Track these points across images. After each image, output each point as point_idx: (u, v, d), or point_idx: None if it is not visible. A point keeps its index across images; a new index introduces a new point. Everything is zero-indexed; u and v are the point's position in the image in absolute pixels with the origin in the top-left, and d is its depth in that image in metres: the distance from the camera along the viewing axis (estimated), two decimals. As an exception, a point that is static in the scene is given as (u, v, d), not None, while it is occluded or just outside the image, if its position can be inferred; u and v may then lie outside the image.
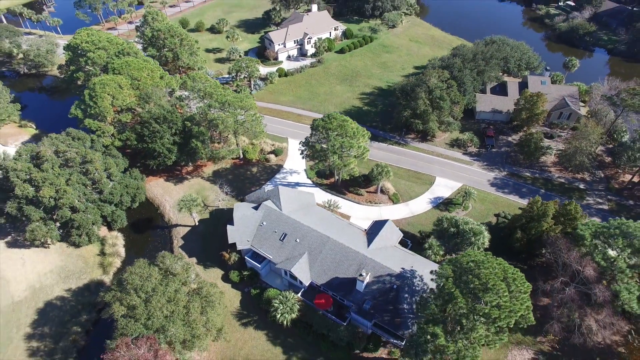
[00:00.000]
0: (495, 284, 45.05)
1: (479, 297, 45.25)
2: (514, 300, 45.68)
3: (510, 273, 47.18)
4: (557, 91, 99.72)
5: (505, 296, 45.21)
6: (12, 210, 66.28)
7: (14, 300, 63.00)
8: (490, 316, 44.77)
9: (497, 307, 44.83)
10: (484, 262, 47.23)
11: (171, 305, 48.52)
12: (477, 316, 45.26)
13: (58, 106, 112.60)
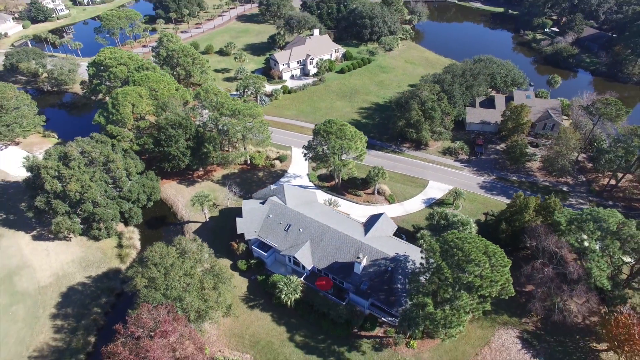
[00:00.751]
0: (477, 256, 50.77)
1: (463, 267, 50.85)
2: (495, 271, 51.22)
3: (490, 248, 52.96)
4: (540, 104, 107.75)
5: (486, 268, 50.84)
6: (41, 204, 72.65)
7: (40, 285, 68.37)
8: (473, 285, 50.25)
9: (480, 277, 50.39)
10: (467, 238, 53.16)
11: (187, 278, 54.15)
12: (461, 285, 50.72)
13: (76, 120, 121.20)
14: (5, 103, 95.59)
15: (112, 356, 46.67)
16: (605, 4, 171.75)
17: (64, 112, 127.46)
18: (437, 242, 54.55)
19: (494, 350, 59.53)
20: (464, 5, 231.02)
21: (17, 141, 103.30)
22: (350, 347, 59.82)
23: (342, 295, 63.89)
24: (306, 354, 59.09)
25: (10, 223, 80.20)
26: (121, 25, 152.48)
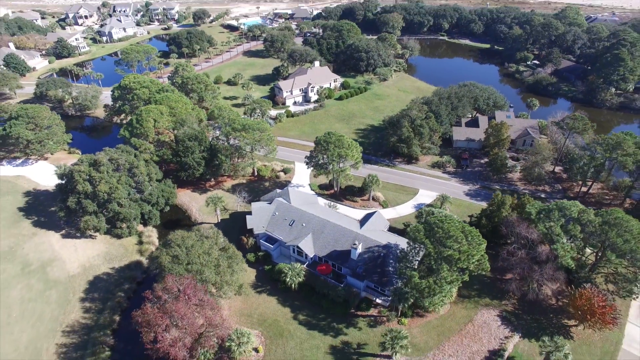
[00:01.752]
0: (455, 233, 59.62)
1: (444, 243, 59.43)
2: (471, 247, 59.80)
3: (467, 228, 61.87)
4: (520, 124, 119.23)
5: (464, 243, 59.52)
6: (72, 204, 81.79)
7: (70, 275, 76.17)
8: (452, 258, 58.71)
9: (458, 252, 58.91)
10: (447, 219, 62.14)
11: (205, 256, 62.43)
12: (442, 258, 59.09)
13: (96, 141, 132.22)
14: (40, 122, 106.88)
15: (142, 316, 54.35)
16: (580, 40, 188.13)
17: (85, 134, 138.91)
18: (421, 224, 63.42)
19: (476, 326, 66.62)
20: (454, 42, 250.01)
21: (45, 156, 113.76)
22: (348, 324, 66.95)
23: (341, 279, 71.69)
24: (309, 330, 66.14)
25: (42, 224, 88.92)
26: (139, 58, 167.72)
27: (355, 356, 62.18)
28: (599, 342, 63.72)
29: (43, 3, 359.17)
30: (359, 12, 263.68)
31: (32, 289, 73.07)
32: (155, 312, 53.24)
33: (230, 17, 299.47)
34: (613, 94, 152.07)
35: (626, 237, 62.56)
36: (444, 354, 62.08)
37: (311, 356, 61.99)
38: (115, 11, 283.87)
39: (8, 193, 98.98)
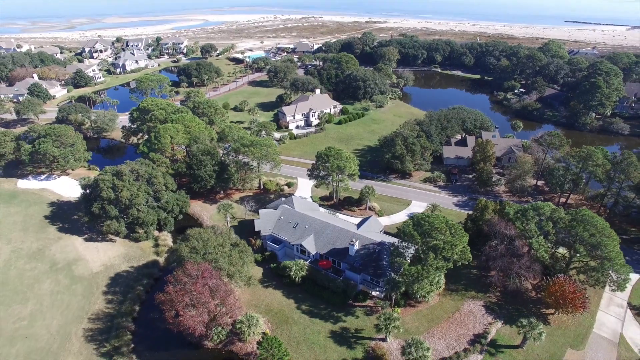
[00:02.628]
0: (440, 226, 68.07)
1: (430, 234, 67.72)
2: (454, 239, 68.05)
3: (451, 223, 70.30)
4: (505, 142, 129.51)
5: (448, 235, 67.85)
6: (96, 209, 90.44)
7: (93, 272, 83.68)
8: (437, 247, 66.87)
9: (442, 242, 67.13)
10: (432, 215, 70.67)
11: (220, 248, 70.48)
12: (429, 247, 67.20)
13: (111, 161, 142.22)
14: (65, 140, 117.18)
15: (165, 296, 61.91)
16: (562, 71, 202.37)
17: (101, 154, 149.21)
18: (410, 220, 71.87)
19: (463, 314, 73.55)
20: (447, 74, 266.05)
21: (68, 172, 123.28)
22: (347, 313, 73.87)
23: (340, 272, 79.19)
24: (311, 318, 72.99)
25: (66, 229, 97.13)
26: (152, 87, 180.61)
27: (353, 339, 68.86)
28: (573, 326, 70.56)
29: (60, 39, 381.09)
30: (357, 46, 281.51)
31: (60, 283, 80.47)
32: (177, 290, 60.87)
33: (235, 50, 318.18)
34: (593, 119, 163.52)
35: (592, 231, 70.83)
36: (433, 337, 68.78)
37: (313, 339, 68.71)
38: (128, 45, 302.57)
39: (35, 203, 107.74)
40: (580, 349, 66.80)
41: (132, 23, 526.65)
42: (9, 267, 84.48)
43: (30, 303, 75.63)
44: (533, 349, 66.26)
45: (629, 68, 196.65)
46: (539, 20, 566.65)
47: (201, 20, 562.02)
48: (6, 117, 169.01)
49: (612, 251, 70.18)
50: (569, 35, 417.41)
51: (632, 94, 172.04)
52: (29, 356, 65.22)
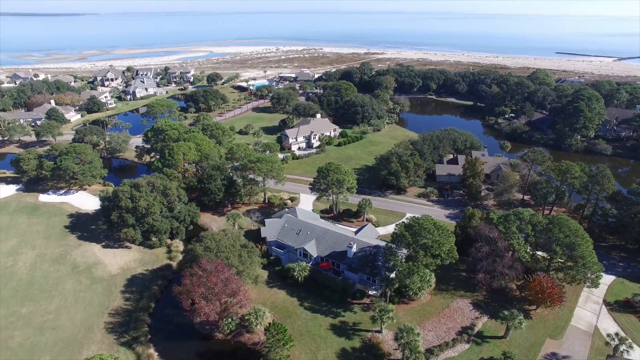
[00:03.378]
0: (428, 226, 76.08)
1: (419, 234, 75.53)
2: (442, 239, 75.83)
3: (438, 224, 78.24)
4: (494, 161, 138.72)
5: (436, 235, 75.70)
6: (115, 218, 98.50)
7: (111, 274, 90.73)
8: (426, 245, 74.58)
9: (431, 241, 74.89)
10: (422, 218, 78.70)
11: (230, 247, 78.03)
12: (419, 246, 74.85)
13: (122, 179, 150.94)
14: (84, 157, 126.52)
15: (182, 287, 69.10)
16: (549, 97, 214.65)
17: (114, 173, 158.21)
18: (402, 224, 79.85)
19: (452, 310, 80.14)
20: (442, 101, 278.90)
21: (85, 187, 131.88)
22: (345, 309, 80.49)
23: (339, 273, 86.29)
24: (312, 313, 79.56)
25: (85, 237, 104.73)
26: (162, 111, 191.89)
27: (351, 331, 75.30)
28: (552, 320, 77.10)
29: (73, 69, 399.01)
30: (356, 75, 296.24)
31: (82, 283, 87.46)
32: (193, 282, 68.15)
33: (240, 79, 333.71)
34: (578, 140, 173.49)
35: (566, 232, 78.71)
36: (425, 329, 75.19)
37: (315, 331, 75.16)
38: (138, 74, 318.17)
39: (56, 215, 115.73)
40: (558, 338, 73.19)
41: (140, 54, 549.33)
42: (34, 269, 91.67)
43: (55, 300, 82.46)
44: (515, 338, 72.70)
45: (611, 94, 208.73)
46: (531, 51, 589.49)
47: (206, 52, 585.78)
48: (26, 139, 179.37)
49: (585, 250, 77.78)
50: (558, 65, 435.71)
51: (613, 118, 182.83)
52: (56, 344, 71.63)
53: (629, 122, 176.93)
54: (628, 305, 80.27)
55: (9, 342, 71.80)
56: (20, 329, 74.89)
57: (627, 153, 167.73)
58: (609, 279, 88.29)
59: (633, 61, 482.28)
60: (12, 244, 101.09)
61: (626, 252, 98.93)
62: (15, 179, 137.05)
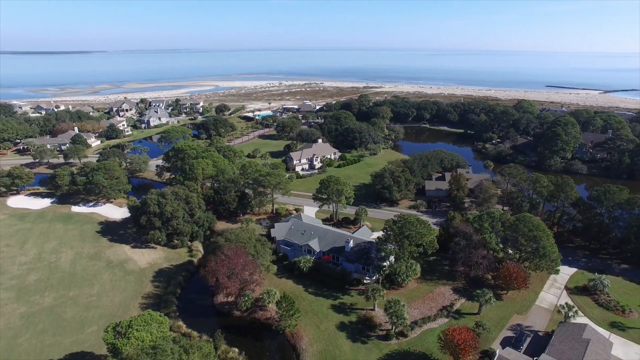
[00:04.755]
0: (412, 220, 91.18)
1: (404, 226, 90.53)
2: (424, 230, 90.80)
3: (420, 219, 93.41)
4: (477, 177, 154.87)
5: (419, 227, 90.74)
6: (144, 221, 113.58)
7: (141, 268, 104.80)
8: (410, 235, 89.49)
9: (414, 232, 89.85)
10: (406, 214, 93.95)
11: (247, 238, 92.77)
12: (404, 237, 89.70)
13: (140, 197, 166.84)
14: (112, 173, 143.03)
15: (208, 268, 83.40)
16: (532, 124, 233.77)
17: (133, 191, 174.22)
18: (390, 220, 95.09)
19: (435, 294, 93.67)
20: (435, 129, 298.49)
21: (111, 200, 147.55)
22: (344, 293, 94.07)
23: (338, 264, 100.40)
24: (316, 297, 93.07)
25: (115, 240, 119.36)
26: (177, 137, 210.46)
27: (348, 310, 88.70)
28: (520, 300, 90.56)
29: (88, 101, 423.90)
30: (355, 106, 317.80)
31: (116, 275, 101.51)
32: (218, 263, 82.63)
33: (245, 110, 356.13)
34: (558, 161, 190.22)
35: (530, 227, 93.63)
36: (411, 308, 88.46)
37: (318, 309, 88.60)
38: (151, 105, 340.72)
39: (87, 222, 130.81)
40: (523, 314, 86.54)
41: (150, 88, 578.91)
42: (75, 264, 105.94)
43: (95, 286, 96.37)
44: (487, 313, 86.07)
45: (588, 121, 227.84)
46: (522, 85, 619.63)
47: (213, 86, 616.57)
48: (53, 161, 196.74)
49: (546, 242, 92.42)
50: (547, 97, 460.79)
51: (588, 141, 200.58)
52: (100, 318, 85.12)
53: (602, 145, 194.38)
54: (584, 290, 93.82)
55: (63, 316, 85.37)
56: (70, 307, 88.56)
57: (601, 172, 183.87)
58: (571, 271, 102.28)
59: (617, 94, 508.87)
60: (53, 245, 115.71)
61: (589, 251, 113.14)
62: (48, 194, 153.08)
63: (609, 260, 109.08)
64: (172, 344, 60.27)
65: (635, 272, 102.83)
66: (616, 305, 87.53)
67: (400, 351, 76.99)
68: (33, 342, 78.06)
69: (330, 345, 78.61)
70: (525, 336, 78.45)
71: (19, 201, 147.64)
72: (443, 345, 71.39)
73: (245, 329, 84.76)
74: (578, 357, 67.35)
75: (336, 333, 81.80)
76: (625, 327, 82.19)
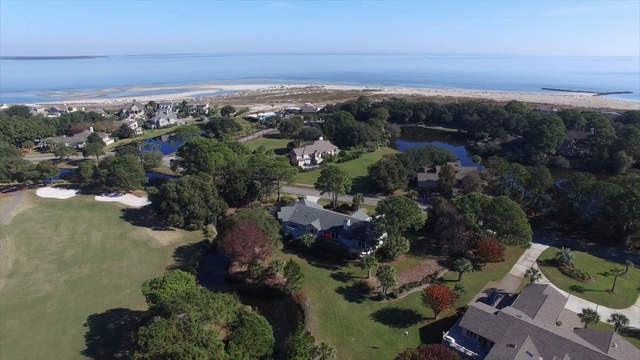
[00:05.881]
0: (400, 200, 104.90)
1: (394, 205, 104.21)
2: (411, 208, 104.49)
3: (409, 200, 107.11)
4: (465, 170, 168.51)
5: (407, 207, 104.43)
6: (164, 206, 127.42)
7: (163, 246, 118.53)
8: (400, 213, 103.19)
9: (403, 210, 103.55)
10: (396, 195, 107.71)
11: (258, 217, 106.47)
12: (394, 214, 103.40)
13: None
14: (132, 166, 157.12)
15: (225, 239, 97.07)
16: (521, 123, 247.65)
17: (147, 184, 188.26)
18: (382, 200, 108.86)
19: (422, 266, 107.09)
20: (431, 129, 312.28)
21: (130, 191, 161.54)
22: (342, 265, 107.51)
23: (337, 241, 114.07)
24: (317, 268, 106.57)
25: (137, 223, 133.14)
26: (187, 135, 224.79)
27: (346, 278, 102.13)
28: (496, 270, 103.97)
29: (96, 104, 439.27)
30: (354, 108, 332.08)
31: (141, 251, 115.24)
32: (234, 234, 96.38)
33: (249, 112, 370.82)
34: (544, 157, 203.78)
35: (505, 207, 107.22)
36: (400, 276, 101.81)
37: (319, 277, 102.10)
38: (159, 108, 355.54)
39: (111, 210, 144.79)
40: (498, 280, 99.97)
41: (155, 91, 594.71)
42: (104, 243, 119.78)
43: (124, 260, 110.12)
44: (466, 280, 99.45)
45: (574, 120, 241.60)
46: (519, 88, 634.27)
47: (216, 89, 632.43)
48: (72, 158, 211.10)
49: (519, 220, 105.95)
50: (541, 99, 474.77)
51: (572, 139, 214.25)
52: (132, 284, 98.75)
53: (584, 142, 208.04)
54: (553, 262, 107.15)
55: (100, 282, 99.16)
56: (105, 275, 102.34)
57: (583, 167, 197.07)
58: (544, 248, 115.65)
59: (611, 96, 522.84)
60: (83, 228, 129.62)
61: (562, 232, 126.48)
62: (72, 186, 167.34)
63: (578, 239, 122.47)
64: (201, 292, 73.85)
65: (599, 248, 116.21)
66: (578, 273, 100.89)
67: (390, 308, 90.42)
68: (79, 301, 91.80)
69: (330, 304, 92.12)
70: (497, 296, 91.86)
71: (47, 192, 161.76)
72: (424, 299, 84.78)
73: (256, 293, 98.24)
74: (536, 307, 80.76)
75: (335, 295, 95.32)
76: (583, 289, 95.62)
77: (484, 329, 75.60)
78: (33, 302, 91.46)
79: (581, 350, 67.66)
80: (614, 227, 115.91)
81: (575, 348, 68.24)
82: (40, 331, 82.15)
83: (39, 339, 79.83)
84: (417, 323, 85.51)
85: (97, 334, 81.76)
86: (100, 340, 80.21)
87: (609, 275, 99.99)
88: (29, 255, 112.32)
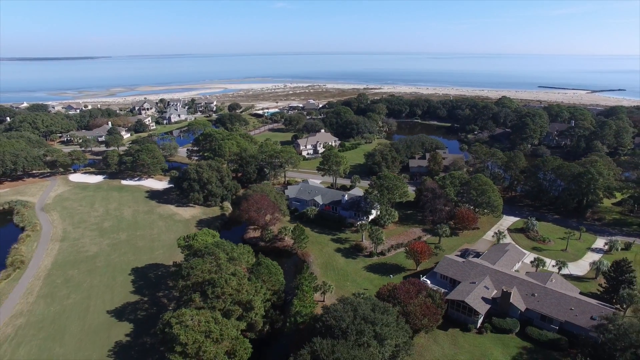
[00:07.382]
0: (389, 176, 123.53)
1: (383, 179, 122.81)
2: (398, 183, 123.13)
3: (396, 176, 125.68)
4: (452, 157, 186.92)
5: (395, 181, 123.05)
6: (185, 185, 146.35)
7: (185, 219, 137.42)
8: (389, 187, 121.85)
9: (391, 184, 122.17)
10: (385, 172, 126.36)
11: (269, 191, 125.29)
12: (384, 187, 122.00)
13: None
14: (154, 153, 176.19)
15: (242, 207, 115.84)
16: (509, 117, 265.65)
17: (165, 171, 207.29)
18: (374, 176, 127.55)
19: (408, 232, 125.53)
20: (426, 124, 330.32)
21: (151, 176, 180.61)
22: (340, 231, 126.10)
23: (336, 212, 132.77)
24: (319, 234, 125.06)
25: (161, 201, 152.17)
26: (199, 128, 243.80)
27: (343, 241, 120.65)
28: (471, 236, 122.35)
29: (107, 102, 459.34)
30: (354, 104, 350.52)
31: (168, 223, 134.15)
32: (249, 203, 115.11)
33: (255, 109, 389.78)
34: (527, 147, 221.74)
35: (479, 182, 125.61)
36: (390, 240, 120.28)
37: (320, 240, 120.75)
38: (170, 105, 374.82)
39: (136, 191, 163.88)
40: (472, 243, 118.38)
41: (162, 90, 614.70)
42: (135, 216, 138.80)
43: (155, 230, 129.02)
44: (445, 243, 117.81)
45: (558, 114, 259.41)
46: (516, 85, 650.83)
47: (221, 88, 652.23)
48: (95, 149, 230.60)
49: (491, 194, 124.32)
50: (535, 96, 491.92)
51: (554, 130, 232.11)
52: (163, 246, 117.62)
53: (565, 133, 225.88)
54: (520, 230, 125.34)
55: (137, 245, 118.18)
56: (139, 240, 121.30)
57: (563, 156, 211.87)
58: (515, 219, 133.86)
59: (604, 93, 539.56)
60: (114, 205, 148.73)
61: (533, 208, 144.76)
62: (99, 172, 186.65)
63: (546, 213, 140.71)
64: (226, 243, 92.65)
65: (562, 220, 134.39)
66: (540, 237, 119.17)
67: (380, 263, 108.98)
68: (121, 258, 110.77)
69: (329, 259, 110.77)
70: (469, 253, 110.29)
71: (78, 177, 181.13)
72: (407, 253, 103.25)
73: (268, 254, 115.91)
74: (498, 258, 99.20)
75: (334, 254, 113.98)
76: (542, 249, 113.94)
77: (453, 272, 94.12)
78: (85, 259, 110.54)
79: (526, 284, 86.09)
80: (576, 202, 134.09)
81: (522, 282, 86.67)
82: (95, 278, 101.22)
83: (96, 283, 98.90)
84: (402, 273, 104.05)
85: (140, 280, 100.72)
86: (143, 284, 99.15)
87: (565, 239, 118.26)
88: (74, 225, 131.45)
